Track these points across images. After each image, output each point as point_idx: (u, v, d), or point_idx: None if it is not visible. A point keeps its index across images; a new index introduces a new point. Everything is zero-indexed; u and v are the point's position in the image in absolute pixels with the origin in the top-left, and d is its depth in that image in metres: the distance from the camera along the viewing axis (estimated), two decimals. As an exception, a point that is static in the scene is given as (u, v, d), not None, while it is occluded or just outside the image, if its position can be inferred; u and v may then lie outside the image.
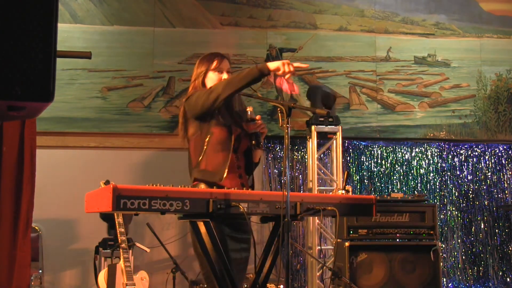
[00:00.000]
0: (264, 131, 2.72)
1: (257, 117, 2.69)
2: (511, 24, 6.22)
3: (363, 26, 5.97)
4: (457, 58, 6.06)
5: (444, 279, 5.55)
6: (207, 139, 2.62)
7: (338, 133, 5.21)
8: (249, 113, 2.68)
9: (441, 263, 4.66)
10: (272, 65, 2.48)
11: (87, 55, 2.95)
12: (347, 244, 4.32)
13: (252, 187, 2.75)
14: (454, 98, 5.98)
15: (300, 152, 5.63)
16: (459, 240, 5.73)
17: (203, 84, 2.76)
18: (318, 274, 4.99)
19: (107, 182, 4.08)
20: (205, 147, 2.61)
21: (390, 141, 5.81)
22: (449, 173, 5.84)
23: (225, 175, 2.55)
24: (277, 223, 2.30)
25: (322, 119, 5.14)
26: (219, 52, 2.83)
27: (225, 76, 2.73)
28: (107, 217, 4.57)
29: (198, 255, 2.50)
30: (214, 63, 2.75)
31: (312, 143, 5.17)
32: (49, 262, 5.00)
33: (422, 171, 5.82)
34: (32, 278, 4.36)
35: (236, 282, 2.40)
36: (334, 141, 5.25)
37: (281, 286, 4.07)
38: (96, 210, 2.15)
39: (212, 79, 2.74)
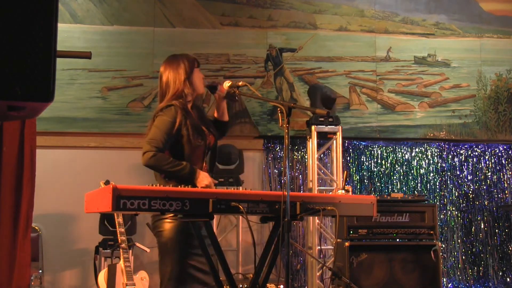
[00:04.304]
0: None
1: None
2: (511, 24, 6.22)
3: (363, 26, 5.96)
4: (457, 58, 6.05)
5: (444, 279, 5.54)
6: (182, 152, 2.66)
7: (338, 133, 5.21)
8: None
9: (441, 263, 4.65)
10: (200, 183, 2.50)
11: (87, 55, 2.95)
12: (347, 244, 4.32)
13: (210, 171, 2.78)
14: (454, 98, 5.98)
15: (300, 152, 5.63)
16: (459, 240, 5.72)
17: (178, 95, 2.71)
18: (318, 274, 4.99)
19: (107, 182, 4.08)
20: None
21: (390, 141, 5.81)
22: (449, 173, 5.84)
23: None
24: (277, 223, 2.30)
25: (322, 119, 5.14)
26: (189, 58, 2.75)
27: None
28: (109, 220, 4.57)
29: (168, 253, 2.52)
30: (185, 75, 2.71)
31: (312, 143, 5.16)
32: (49, 262, 5.00)
33: (422, 171, 5.81)
34: (32, 278, 4.35)
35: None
36: (334, 141, 5.25)
37: (281, 286, 4.07)
38: (96, 210, 2.15)
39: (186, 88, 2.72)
